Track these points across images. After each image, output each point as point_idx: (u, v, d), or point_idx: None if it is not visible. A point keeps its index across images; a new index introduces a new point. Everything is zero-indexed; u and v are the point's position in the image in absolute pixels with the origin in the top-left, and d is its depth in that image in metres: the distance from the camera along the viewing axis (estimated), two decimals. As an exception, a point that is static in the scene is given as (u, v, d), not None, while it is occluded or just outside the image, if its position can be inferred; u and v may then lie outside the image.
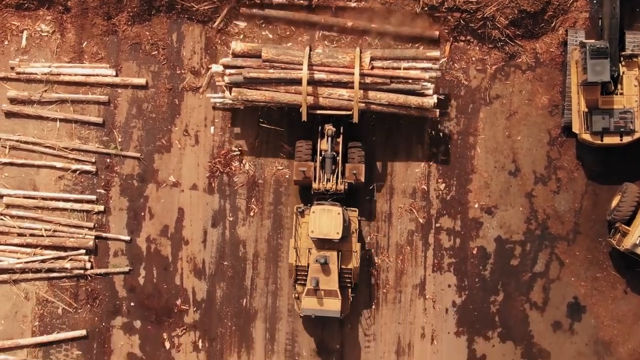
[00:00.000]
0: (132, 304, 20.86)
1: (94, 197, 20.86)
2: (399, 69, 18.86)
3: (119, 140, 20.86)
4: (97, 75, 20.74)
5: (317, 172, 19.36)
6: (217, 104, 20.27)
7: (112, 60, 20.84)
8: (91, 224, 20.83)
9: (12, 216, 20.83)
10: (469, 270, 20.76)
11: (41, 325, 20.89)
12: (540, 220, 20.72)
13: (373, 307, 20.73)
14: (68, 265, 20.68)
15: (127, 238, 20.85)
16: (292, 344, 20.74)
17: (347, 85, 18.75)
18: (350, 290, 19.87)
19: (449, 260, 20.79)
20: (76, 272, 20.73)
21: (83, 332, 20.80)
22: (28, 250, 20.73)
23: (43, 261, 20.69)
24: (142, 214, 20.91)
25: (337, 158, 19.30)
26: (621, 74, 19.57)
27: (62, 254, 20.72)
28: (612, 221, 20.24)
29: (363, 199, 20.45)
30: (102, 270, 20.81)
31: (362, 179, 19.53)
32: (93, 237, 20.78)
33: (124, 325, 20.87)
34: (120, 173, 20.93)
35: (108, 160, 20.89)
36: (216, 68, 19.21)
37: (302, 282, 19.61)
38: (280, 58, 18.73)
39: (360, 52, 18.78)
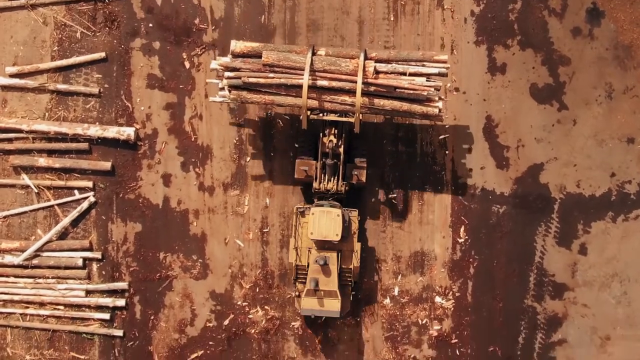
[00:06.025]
0: (150, 25, 20.81)
1: None
2: (405, 73, 18.38)
3: None
4: None
5: (317, 172, 19.40)
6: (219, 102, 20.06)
7: None
8: (106, -53, 20.83)
9: (27, -59, 20.86)
10: (486, -20, 20.72)
11: (60, 50, 20.86)
12: None
13: (392, 18, 20.67)
14: (85, -13, 20.70)
15: (143, -41, 20.86)
16: (312, 59, 20.69)
17: (350, 92, 18.41)
18: (350, 288, 20.01)
19: (466, -31, 20.77)
20: (93, -7, 20.76)
21: (102, 55, 20.77)
22: (44, -26, 20.74)
23: (59, -16, 20.70)
24: (157, -64, 20.89)
25: (339, 163, 19.31)
26: None
27: (79, -24, 20.73)
28: None
29: None
30: (119, -8, 20.84)
31: (364, 179, 19.63)
32: (109, -41, 20.80)
33: (143, 46, 20.83)
34: None
35: None
36: (214, 65, 18.94)
37: (303, 280, 19.82)
38: (281, 63, 18.34)
39: (365, 58, 18.29)
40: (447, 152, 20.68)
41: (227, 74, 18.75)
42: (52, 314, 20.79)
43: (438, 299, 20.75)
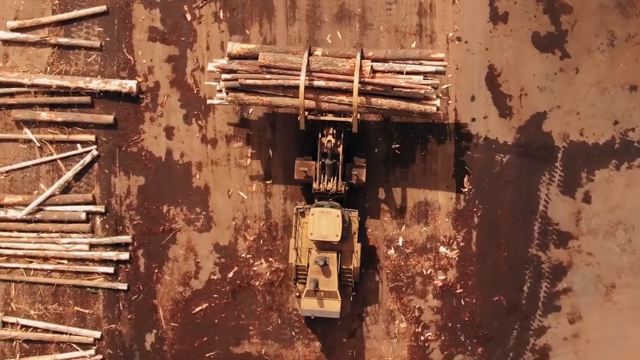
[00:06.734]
0: (151, -21, 20.83)
1: None
2: (402, 72, 18.46)
3: None
4: None
5: (317, 173, 19.39)
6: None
7: None
8: None
9: None
10: None
11: (61, 4, 20.80)
12: None
13: (393, -32, 20.68)
14: (85, -60, 20.67)
15: None
16: (314, 10, 20.66)
17: (347, 91, 18.44)
18: (350, 289, 20.02)
19: None
20: (94, -53, 20.74)
21: (103, 8, 20.73)
22: None
23: (60, -62, 20.68)
24: None
25: (338, 163, 19.29)
26: None
27: None
28: None
29: None
30: (120, -55, 20.80)
31: (364, 179, 19.63)
32: None
33: (144, -1, 20.88)
34: None
35: None
36: (211, 68, 19.01)
37: (303, 281, 19.84)
38: (277, 64, 18.39)
39: (361, 58, 18.31)
40: (449, 101, 20.65)
41: (224, 76, 18.78)
42: (56, 268, 20.77)
43: (442, 249, 20.73)
